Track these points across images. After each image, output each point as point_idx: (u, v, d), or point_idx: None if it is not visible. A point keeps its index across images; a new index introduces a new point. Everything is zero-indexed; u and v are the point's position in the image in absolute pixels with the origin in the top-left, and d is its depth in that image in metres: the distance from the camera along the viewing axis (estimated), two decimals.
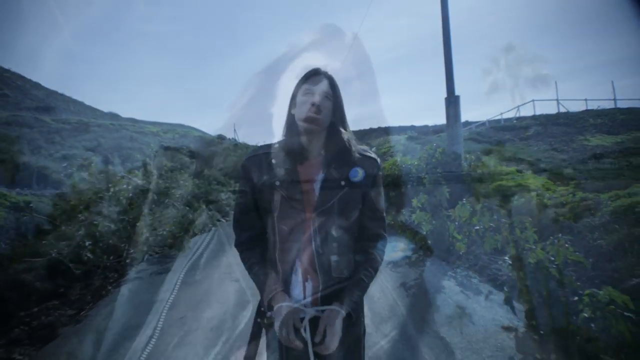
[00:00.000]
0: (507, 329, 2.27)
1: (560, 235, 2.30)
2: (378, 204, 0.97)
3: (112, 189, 3.96)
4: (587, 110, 20.33)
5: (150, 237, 4.04)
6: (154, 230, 4.14)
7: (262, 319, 0.92)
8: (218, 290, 3.28)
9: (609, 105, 21.29)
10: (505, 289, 2.31)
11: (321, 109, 0.90)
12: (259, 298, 0.95)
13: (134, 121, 26.63)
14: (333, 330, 0.83)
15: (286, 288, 0.90)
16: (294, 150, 0.93)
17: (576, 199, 4.47)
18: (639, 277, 2.65)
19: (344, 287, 0.90)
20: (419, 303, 2.83)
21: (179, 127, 25.66)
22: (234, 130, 21.58)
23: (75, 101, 30.43)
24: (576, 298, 1.92)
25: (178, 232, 4.53)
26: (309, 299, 0.89)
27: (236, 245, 0.99)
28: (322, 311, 0.87)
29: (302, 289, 0.90)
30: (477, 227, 3.80)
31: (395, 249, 4.20)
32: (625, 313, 1.73)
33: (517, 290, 2.25)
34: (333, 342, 0.82)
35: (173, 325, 2.63)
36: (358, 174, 0.92)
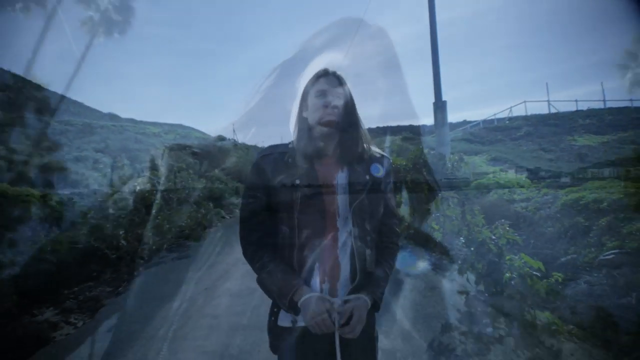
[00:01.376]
0: (461, 292, 2.97)
1: (503, 220, 2.99)
2: (393, 201, 1.02)
3: (137, 188, 4.64)
4: (577, 111, 21.10)
5: (172, 229, 4.72)
6: (173, 222, 4.82)
7: (274, 324, 0.94)
8: (233, 269, 3.98)
9: (599, 105, 22.02)
10: (459, 262, 3.02)
11: (334, 109, 0.92)
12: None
13: (133, 122, 27.17)
14: (359, 316, 0.86)
15: (306, 284, 0.89)
16: (310, 149, 0.93)
17: (540, 194, 5.20)
18: (569, 256, 3.38)
19: (370, 280, 0.92)
20: (396, 280, 3.53)
21: (178, 128, 26.25)
22: (233, 131, 22.25)
23: (74, 102, 30.90)
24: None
25: (193, 225, 5.21)
26: (334, 295, 0.90)
27: (245, 246, 0.96)
28: (349, 300, 0.88)
29: (322, 289, 0.89)
30: (453, 219, 4.50)
31: None
32: (534, 273, 2.44)
33: (468, 263, 2.94)
34: (358, 327, 0.85)
35: (200, 293, 3.33)
36: (379, 170, 0.96)
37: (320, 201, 0.91)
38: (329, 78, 0.95)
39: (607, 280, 2.86)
